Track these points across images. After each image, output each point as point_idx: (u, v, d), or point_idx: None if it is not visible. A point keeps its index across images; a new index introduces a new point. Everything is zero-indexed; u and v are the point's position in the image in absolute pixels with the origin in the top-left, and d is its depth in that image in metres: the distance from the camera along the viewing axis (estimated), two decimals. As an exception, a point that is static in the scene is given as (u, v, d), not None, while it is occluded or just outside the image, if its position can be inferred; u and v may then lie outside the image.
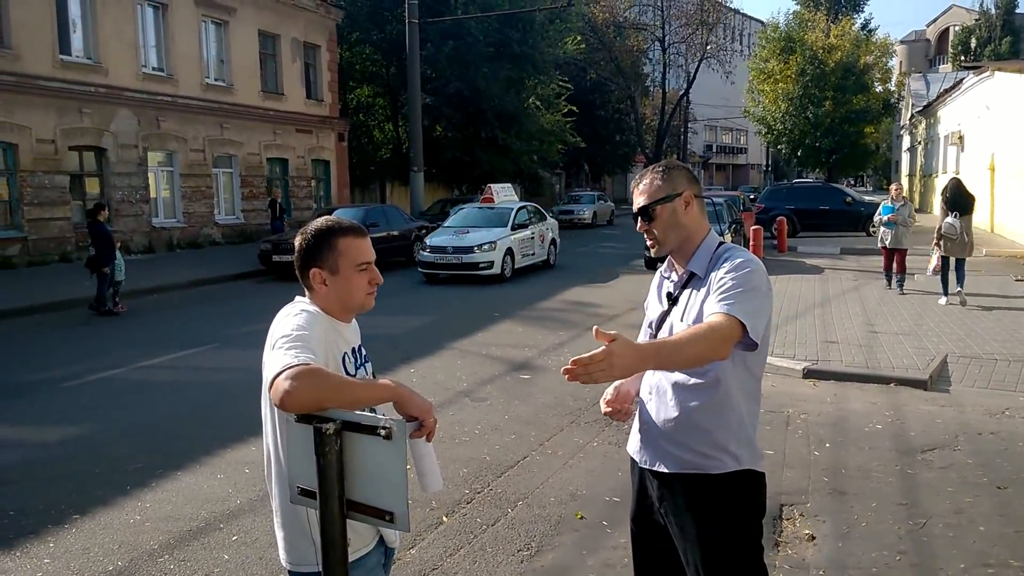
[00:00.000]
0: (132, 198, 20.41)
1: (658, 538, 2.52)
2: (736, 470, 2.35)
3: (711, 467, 2.35)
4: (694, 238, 2.41)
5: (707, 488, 2.35)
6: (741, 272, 2.26)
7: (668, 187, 2.39)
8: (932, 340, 8.77)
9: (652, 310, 2.58)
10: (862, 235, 23.00)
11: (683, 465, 2.38)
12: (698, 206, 2.43)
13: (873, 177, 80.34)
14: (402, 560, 4.04)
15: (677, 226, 2.39)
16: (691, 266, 2.40)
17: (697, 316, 2.30)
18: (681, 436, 2.38)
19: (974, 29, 58.61)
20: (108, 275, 11.95)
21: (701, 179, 71.65)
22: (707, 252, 2.39)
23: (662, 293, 2.52)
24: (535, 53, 30.18)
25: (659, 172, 2.43)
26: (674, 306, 2.43)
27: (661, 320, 2.47)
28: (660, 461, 2.44)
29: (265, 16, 24.84)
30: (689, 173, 2.46)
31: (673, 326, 2.40)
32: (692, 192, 2.41)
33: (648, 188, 2.41)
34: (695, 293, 2.37)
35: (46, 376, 8.19)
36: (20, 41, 17.29)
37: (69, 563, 4.11)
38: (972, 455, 5.46)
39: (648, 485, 2.52)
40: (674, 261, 2.48)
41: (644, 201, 2.41)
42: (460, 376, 8.01)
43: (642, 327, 2.66)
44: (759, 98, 44.33)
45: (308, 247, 2.19)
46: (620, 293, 13.77)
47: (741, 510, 2.38)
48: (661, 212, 2.38)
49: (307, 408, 1.81)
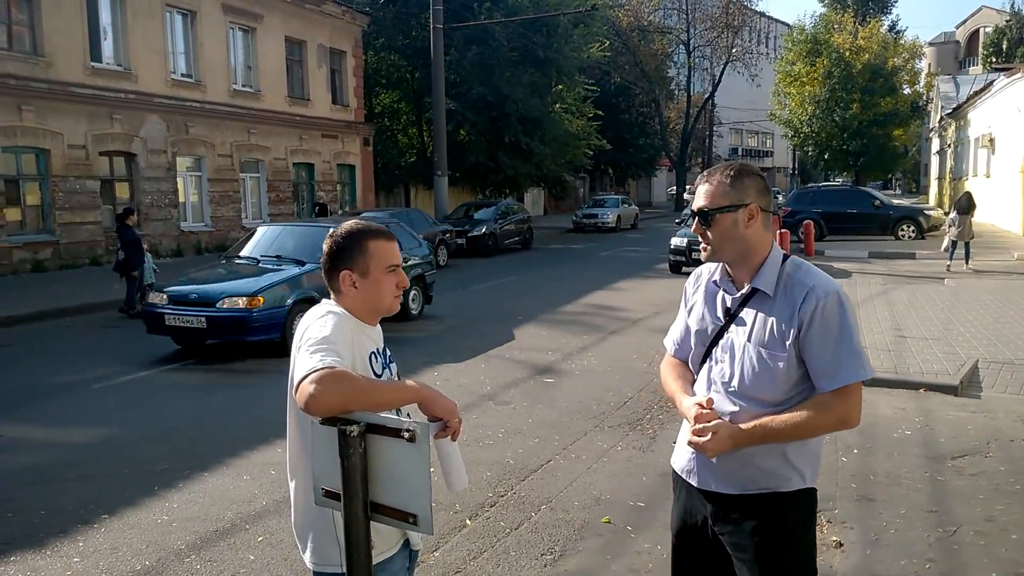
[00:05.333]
0: (161, 202, 20.69)
1: (705, 554, 2.38)
2: (801, 488, 2.23)
3: (778, 486, 2.22)
4: (757, 253, 2.23)
5: (773, 509, 2.22)
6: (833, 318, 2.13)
7: (734, 195, 2.20)
8: (962, 345, 8.63)
9: (702, 322, 2.36)
10: (890, 239, 22.74)
11: (748, 486, 2.23)
12: (763, 220, 2.23)
13: (901, 180, 79.32)
14: (425, 563, 4.04)
15: (736, 239, 2.21)
16: (756, 283, 2.23)
17: (769, 339, 2.17)
18: (748, 455, 2.20)
19: (1005, 30, 57.64)
20: (137, 279, 12.12)
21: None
22: (773, 269, 2.22)
23: (716, 306, 2.33)
24: (559, 58, 30.16)
25: (728, 176, 2.22)
26: (733, 322, 2.26)
27: (718, 335, 2.30)
28: (720, 482, 2.27)
29: (292, 23, 25.08)
30: (761, 183, 2.25)
31: (734, 343, 2.25)
32: (759, 205, 2.21)
33: (712, 191, 2.22)
34: (761, 313, 2.21)
35: (76, 378, 8.31)
36: (53, 49, 17.61)
37: (98, 562, 4.16)
38: (1004, 462, 5.37)
39: (697, 502, 2.37)
40: (731, 272, 2.31)
41: (705, 204, 2.23)
42: (484, 380, 8.01)
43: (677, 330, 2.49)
44: (785, 101, 44.05)
45: (338, 249, 2.19)
46: (643, 297, 13.72)
47: (806, 529, 2.28)
48: (721, 220, 2.20)
49: (332, 411, 1.82)
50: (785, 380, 2.18)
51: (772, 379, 2.18)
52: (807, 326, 2.13)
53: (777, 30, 68.53)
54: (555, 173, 33.95)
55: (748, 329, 2.22)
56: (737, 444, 2.13)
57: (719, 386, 2.27)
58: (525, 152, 30.17)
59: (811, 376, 2.16)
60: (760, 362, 2.19)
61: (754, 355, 2.20)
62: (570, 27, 30.72)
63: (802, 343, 2.14)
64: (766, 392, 2.19)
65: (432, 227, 19.79)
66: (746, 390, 2.21)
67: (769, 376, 2.18)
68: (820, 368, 2.14)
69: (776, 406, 2.18)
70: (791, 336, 2.15)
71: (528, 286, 15.69)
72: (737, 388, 2.23)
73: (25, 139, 17.26)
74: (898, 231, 23.22)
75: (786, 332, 2.16)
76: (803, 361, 2.16)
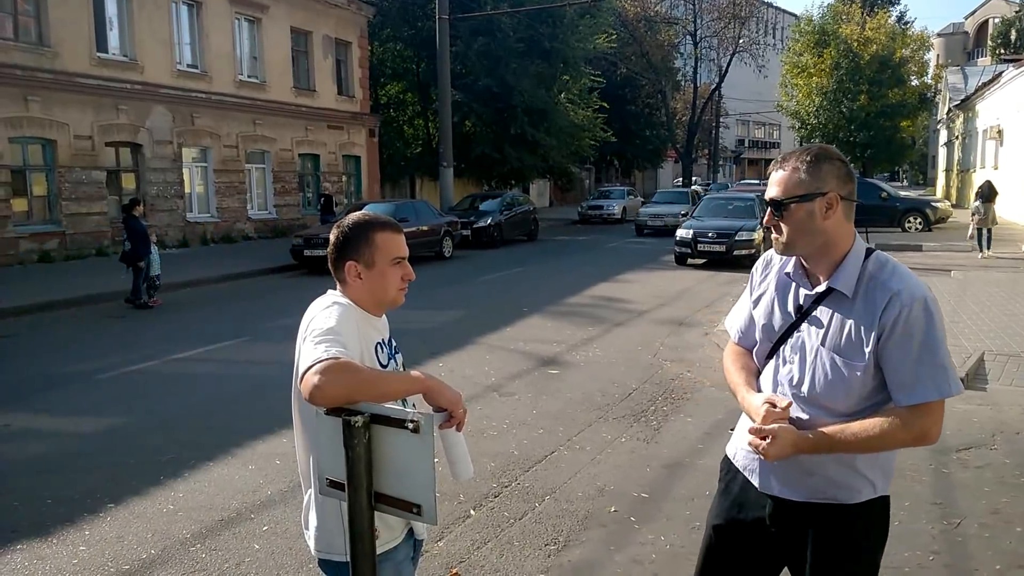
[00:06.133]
0: (167, 193, 20.73)
1: (748, 554, 2.26)
2: (872, 498, 2.10)
3: (848, 497, 2.08)
4: (837, 247, 2.05)
5: (842, 519, 2.09)
6: (918, 328, 1.95)
7: (812, 183, 2.01)
8: (968, 338, 8.61)
9: (771, 316, 2.20)
10: (897, 231, 22.65)
11: (816, 494, 2.10)
12: (844, 210, 2.04)
13: (909, 172, 78.96)
14: (430, 552, 4.06)
15: (812, 231, 2.03)
16: (834, 282, 2.05)
17: (846, 345, 2.01)
18: (818, 463, 2.06)
19: (1014, 21, 57.18)
20: (143, 269, 12.15)
21: (732, 175, 71.13)
22: (854, 267, 2.04)
23: (788, 300, 2.16)
24: (565, 49, 30.05)
25: (805, 161, 2.04)
26: (805, 320, 2.10)
27: (787, 332, 2.14)
28: (786, 487, 2.13)
29: (297, 13, 25.04)
30: (842, 168, 2.05)
31: (805, 344, 2.09)
32: (840, 193, 2.02)
33: (787, 179, 2.05)
34: (838, 315, 2.04)
35: (82, 368, 8.35)
36: (59, 39, 17.63)
37: (104, 550, 4.19)
38: (1009, 454, 5.36)
39: (754, 499, 2.22)
40: (807, 265, 2.13)
41: (778, 194, 2.05)
42: (488, 371, 8.02)
43: (739, 318, 2.36)
44: (792, 92, 43.86)
45: (345, 240, 2.20)
46: (648, 289, 13.70)
47: (874, 540, 2.15)
48: (796, 211, 2.03)
49: (337, 402, 1.82)
50: (860, 390, 2.02)
51: (846, 388, 2.02)
52: (888, 334, 1.96)
53: (784, 21, 68.20)
54: (561, 164, 33.89)
55: (823, 332, 2.06)
56: (800, 452, 1.99)
57: (786, 388, 2.13)
58: (531, 143, 30.11)
59: (889, 388, 2.00)
60: (834, 369, 2.03)
61: (827, 361, 2.04)
62: (576, 18, 30.61)
63: (881, 352, 1.97)
64: (837, 401, 2.04)
65: (437, 219, 19.78)
66: (816, 397, 2.07)
67: (843, 384, 2.02)
68: (899, 381, 1.97)
69: (846, 416, 2.03)
70: (871, 344, 1.97)
71: (533, 277, 15.68)
72: (807, 394, 2.08)
73: (31, 130, 17.29)
74: (905, 223, 23.13)
75: (865, 339, 1.98)
76: (880, 370, 2.00)
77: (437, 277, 15.50)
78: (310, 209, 26.02)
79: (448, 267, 17.39)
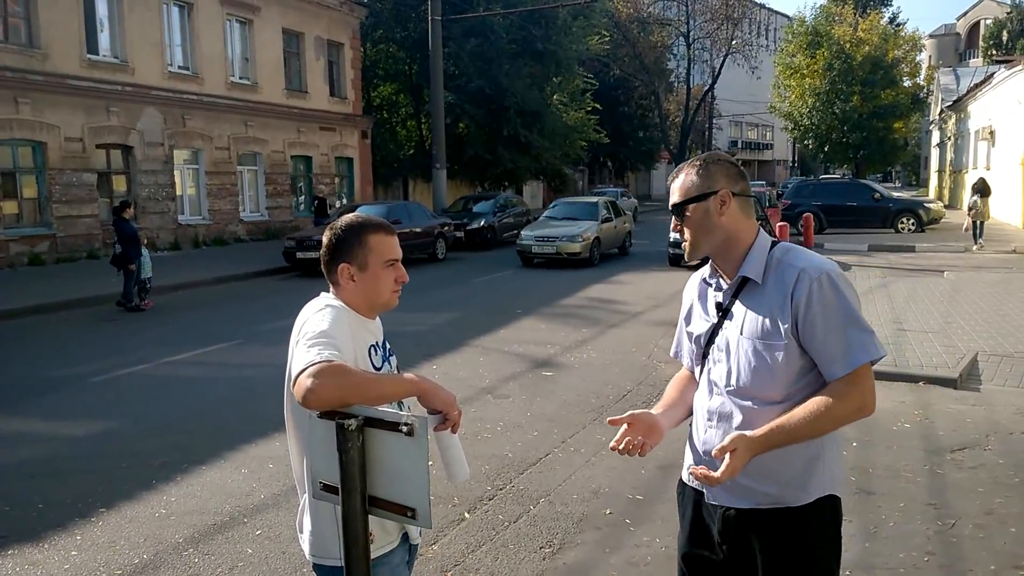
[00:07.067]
0: (158, 195, 20.65)
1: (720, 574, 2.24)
2: (820, 497, 2.10)
3: (796, 499, 2.08)
4: (740, 242, 2.14)
5: (790, 523, 2.08)
6: (831, 298, 2.00)
7: (704, 184, 2.13)
8: (962, 338, 8.63)
9: (697, 323, 2.27)
10: (890, 231, 22.72)
11: (761, 500, 2.09)
12: (739, 205, 2.14)
13: (901, 173, 79.26)
14: (424, 556, 4.04)
15: (712, 229, 2.13)
16: (744, 271, 2.12)
17: (763, 329, 2.05)
18: (760, 468, 2.03)
19: (1006, 22, 57.53)
20: (134, 272, 12.09)
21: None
22: (760, 255, 2.12)
23: (708, 304, 2.24)
24: (558, 50, 30.07)
25: (696, 166, 2.17)
26: (726, 318, 2.16)
27: (712, 334, 2.19)
28: (731, 497, 2.13)
29: (289, 14, 24.99)
30: (731, 168, 2.17)
31: (729, 341, 2.14)
32: (731, 190, 2.12)
33: (683, 184, 2.17)
34: (752, 303, 2.10)
35: (74, 372, 8.30)
36: (49, 41, 17.54)
37: (96, 556, 4.15)
38: (1003, 455, 5.37)
39: (706, 520, 2.23)
40: (719, 267, 2.21)
41: (677, 199, 2.17)
42: (483, 373, 8.00)
43: (677, 338, 2.44)
44: (785, 93, 43.96)
45: (338, 242, 2.18)
46: (643, 290, 13.71)
47: (827, 542, 2.14)
48: (694, 212, 2.13)
49: (330, 405, 1.80)
50: (785, 373, 2.04)
51: (771, 373, 2.05)
52: (804, 311, 2.00)
53: (777, 22, 68.34)
54: (554, 166, 33.89)
55: (741, 322, 2.11)
56: (757, 453, 1.96)
57: (720, 387, 2.16)
58: (524, 145, 30.11)
59: (819, 365, 2.03)
60: (756, 355, 2.06)
61: (749, 349, 2.08)
62: (569, 19, 30.63)
63: (802, 331, 2.01)
64: (766, 388, 2.06)
65: (430, 220, 19.75)
66: (745, 387, 2.09)
67: (767, 370, 2.05)
68: (827, 355, 2.00)
69: (779, 404, 2.04)
70: (787, 323, 2.02)
71: (527, 279, 15.66)
72: (736, 386, 2.11)
73: (22, 132, 17.20)
74: (898, 224, 23.20)
75: (781, 319, 2.03)
76: (804, 351, 2.03)
77: (430, 279, 15.47)
78: (302, 211, 25.98)
79: (441, 269, 17.38)
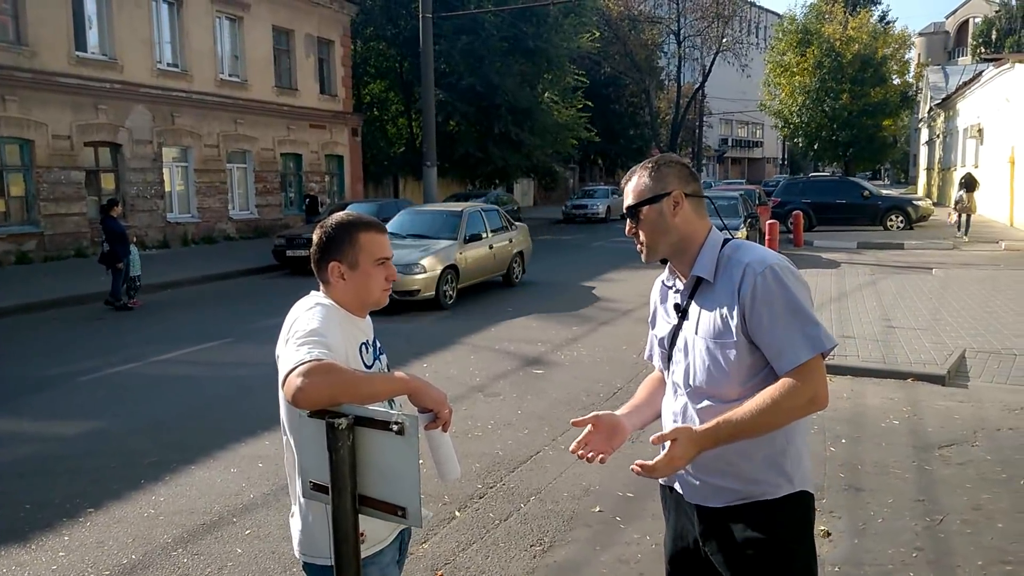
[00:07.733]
0: (147, 193, 20.54)
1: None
2: (790, 493, 2.09)
3: (763, 493, 2.08)
4: (692, 241, 2.16)
5: (761, 518, 2.08)
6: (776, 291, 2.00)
7: (656, 185, 2.15)
8: (950, 335, 8.68)
9: (660, 326, 2.31)
10: (879, 229, 22.82)
11: (731, 497, 2.11)
12: (691, 206, 2.16)
13: (891, 171, 79.62)
14: (415, 555, 4.03)
15: (666, 230, 2.14)
16: (696, 270, 2.14)
17: (715, 327, 2.07)
18: (723, 464, 2.08)
19: (995, 20, 57.82)
20: (123, 270, 12.03)
21: (715, 174, 71.39)
22: (711, 253, 2.14)
23: (668, 306, 2.27)
24: (549, 48, 30.03)
25: (648, 169, 2.19)
26: (684, 319, 2.18)
27: (673, 336, 2.22)
28: (705, 496, 2.16)
29: (279, 12, 24.90)
30: (682, 169, 2.20)
31: (687, 342, 2.16)
32: (683, 191, 2.15)
33: (636, 186, 2.19)
34: (705, 302, 2.13)
35: (62, 371, 8.25)
36: (37, 38, 17.42)
37: (84, 556, 4.13)
38: (990, 451, 5.40)
39: (686, 521, 2.25)
40: (675, 268, 2.24)
41: (631, 201, 2.19)
42: (473, 371, 8.00)
43: (649, 342, 2.44)
44: (775, 91, 44.07)
45: (328, 240, 2.18)
46: (633, 288, 13.71)
47: (800, 538, 2.12)
48: (648, 214, 2.15)
49: (321, 404, 1.80)
50: (738, 371, 2.05)
51: (726, 371, 2.06)
52: (750, 306, 2.01)
53: (767, 20, 68.52)
54: (545, 164, 33.89)
55: (695, 322, 2.14)
56: (704, 447, 1.97)
57: (681, 387, 2.18)
58: (515, 143, 30.08)
59: (769, 359, 2.03)
60: (710, 355, 2.08)
61: (703, 348, 2.10)
62: (560, 17, 30.60)
63: (750, 326, 2.02)
64: (722, 386, 2.08)
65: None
66: (702, 387, 2.11)
67: (722, 368, 2.06)
68: (775, 349, 2.00)
69: (736, 401, 2.03)
70: (736, 320, 2.03)
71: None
72: (693, 386, 2.14)
73: (9, 129, 17.08)
74: (887, 221, 23.31)
75: (731, 317, 2.04)
76: (756, 347, 2.03)
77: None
78: (292, 209, 25.90)
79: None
